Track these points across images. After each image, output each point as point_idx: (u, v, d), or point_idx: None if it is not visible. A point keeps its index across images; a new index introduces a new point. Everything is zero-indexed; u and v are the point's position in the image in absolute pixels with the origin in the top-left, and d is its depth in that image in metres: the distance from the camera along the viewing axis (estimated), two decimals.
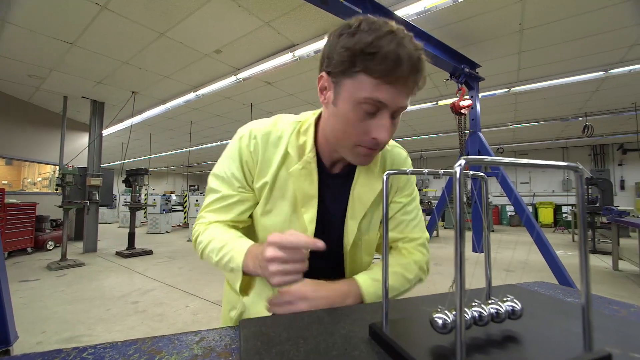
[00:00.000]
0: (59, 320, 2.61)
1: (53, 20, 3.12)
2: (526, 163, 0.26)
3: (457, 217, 0.22)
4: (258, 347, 0.29)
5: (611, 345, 0.31)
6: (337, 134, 0.56)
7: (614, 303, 0.70)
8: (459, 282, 0.21)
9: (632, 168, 8.92)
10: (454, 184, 0.21)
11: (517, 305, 0.31)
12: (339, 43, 0.49)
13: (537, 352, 0.27)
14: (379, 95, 0.48)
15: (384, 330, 0.30)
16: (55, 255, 4.97)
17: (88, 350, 0.43)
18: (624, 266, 4.29)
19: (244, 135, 0.64)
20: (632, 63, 3.83)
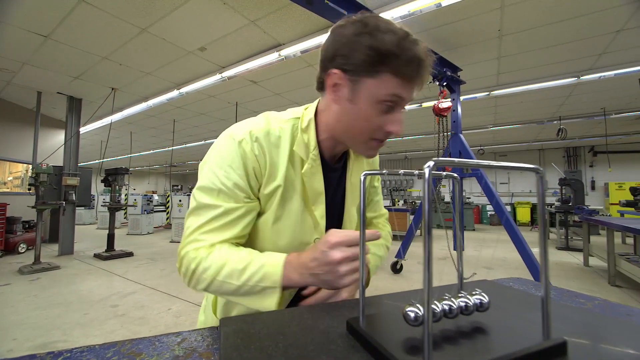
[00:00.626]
0: (31, 326, 2.50)
1: (26, 12, 2.97)
2: (493, 165, 0.28)
3: (426, 215, 0.23)
4: (238, 344, 0.30)
5: (571, 334, 0.34)
6: (354, 130, 0.58)
7: (580, 296, 0.75)
8: (426, 277, 0.23)
9: (602, 169, 9.44)
10: (423, 184, 0.23)
11: (484, 299, 0.33)
12: (361, 42, 0.50)
13: (500, 341, 0.30)
14: (402, 92, 0.52)
15: (361, 325, 0.31)
16: (27, 259, 4.73)
17: (64, 354, 0.42)
18: (594, 262, 4.53)
19: (244, 138, 0.57)
20: (601, 70, 4.05)
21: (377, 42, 0.48)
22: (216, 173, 0.57)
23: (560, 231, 6.13)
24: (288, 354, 0.28)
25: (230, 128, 0.62)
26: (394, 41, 0.48)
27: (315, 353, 0.28)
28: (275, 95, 5.25)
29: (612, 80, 4.30)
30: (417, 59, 0.49)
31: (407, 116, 6.47)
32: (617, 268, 3.58)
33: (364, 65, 0.50)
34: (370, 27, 0.50)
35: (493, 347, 0.28)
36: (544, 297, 0.30)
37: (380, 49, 0.48)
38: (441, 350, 0.27)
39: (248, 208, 0.57)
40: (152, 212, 8.78)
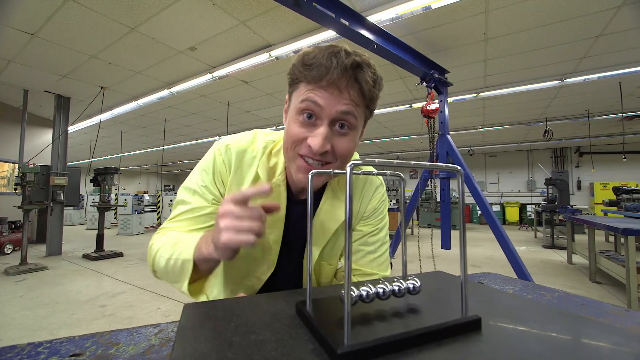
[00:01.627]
0: (17, 327, 2.48)
1: (11, 8, 2.94)
2: (412, 165, 0.33)
3: (347, 212, 0.27)
4: (194, 324, 0.34)
5: (493, 315, 0.38)
6: (285, 145, 0.57)
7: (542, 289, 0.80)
8: (347, 262, 0.27)
9: (588, 170, 9.69)
10: (345, 182, 0.27)
11: (416, 283, 0.37)
12: (292, 62, 0.54)
13: (422, 318, 0.34)
14: (314, 97, 0.50)
15: (307, 307, 0.36)
16: (14, 260, 4.67)
17: (44, 344, 0.44)
18: (577, 260, 4.67)
19: (219, 148, 0.63)
20: (584, 73, 4.18)
21: (298, 59, 0.53)
22: (195, 175, 0.64)
23: (546, 230, 6.29)
24: (237, 331, 0.32)
25: (220, 139, 0.67)
26: (311, 55, 0.51)
27: (261, 330, 0.32)
28: (267, 95, 5.27)
29: (594, 83, 4.43)
30: (325, 64, 0.49)
31: (397, 117, 6.56)
32: (598, 265, 3.70)
33: (290, 81, 0.55)
34: (308, 51, 0.53)
35: (415, 323, 0.33)
36: (463, 281, 0.34)
37: (298, 63, 0.52)
38: (369, 325, 0.32)
39: (214, 209, 0.62)
40: (143, 212, 8.70)
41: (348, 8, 2.60)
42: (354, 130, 0.54)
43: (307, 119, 0.52)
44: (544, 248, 5.98)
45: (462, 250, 0.34)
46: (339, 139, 0.53)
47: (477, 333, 0.32)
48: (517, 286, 0.80)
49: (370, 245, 0.69)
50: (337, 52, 0.50)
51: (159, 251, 0.57)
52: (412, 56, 3.32)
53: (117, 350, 0.42)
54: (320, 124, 0.52)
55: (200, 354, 0.27)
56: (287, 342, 0.29)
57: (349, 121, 0.52)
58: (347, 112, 0.51)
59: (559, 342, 0.31)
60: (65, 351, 0.42)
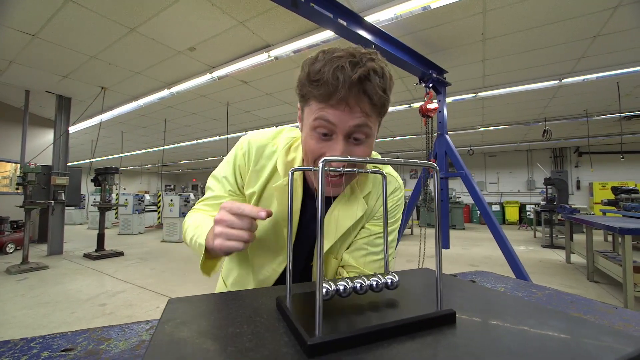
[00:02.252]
0: (17, 325, 2.50)
1: (12, 10, 2.96)
2: (385, 162, 0.34)
3: (319, 208, 0.29)
4: (175, 317, 0.35)
5: (470, 310, 0.39)
6: (304, 155, 0.59)
7: (534, 287, 0.82)
8: (319, 258, 0.28)
9: (587, 170, 9.68)
10: (318, 178, 0.29)
11: (394, 278, 0.39)
12: (300, 76, 0.54)
13: (399, 312, 0.35)
14: (326, 115, 0.51)
15: (287, 302, 0.37)
16: (15, 259, 4.69)
17: (36, 340, 0.45)
18: (575, 259, 4.68)
19: (242, 143, 0.68)
20: (582, 74, 4.18)
21: (303, 73, 0.53)
22: (222, 166, 0.71)
23: (545, 229, 6.29)
24: (216, 324, 0.33)
25: (246, 134, 0.72)
26: (316, 69, 0.50)
27: (240, 323, 0.33)
28: (267, 95, 5.29)
29: (592, 83, 4.44)
30: (331, 81, 0.48)
31: (397, 117, 6.56)
32: (596, 264, 3.71)
33: (300, 97, 0.56)
34: (312, 58, 0.52)
35: (390, 316, 0.34)
36: (438, 276, 0.35)
37: (303, 79, 0.53)
38: (345, 318, 0.33)
39: (230, 199, 0.67)
40: (144, 212, 8.73)
41: (346, 8, 2.61)
42: (370, 137, 0.56)
43: (323, 136, 0.53)
44: (543, 248, 5.98)
45: (437, 245, 0.35)
46: (356, 149, 0.54)
47: (451, 327, 0.34)
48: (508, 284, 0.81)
49: (375, 246, 0.69)
50: (342, 66, 0.48)
51: (187, 229, 0.64)
52: (411, 56, 3.33)
53: (107, 345, 0.43)
54: (336, 139, 0.53)
55: (176, 344, 0.28)
56: (263, 334, 0.31)
57: (364, 131, 0.53)
58: (360, 125, 0.52)
59: (530, 335, 0.32)
60: (57, 346, 0.43)
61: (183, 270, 4.36)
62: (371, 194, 0.69)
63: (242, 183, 0.68)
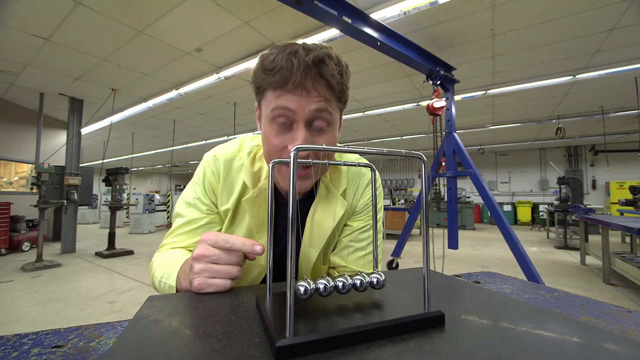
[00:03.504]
0: (30, 321, 2.57)
1: (26, 14, 3.05)
2: (372, 152, 0.31)
3: (290, 202, 0.27)
4: (149, 314, 0.34)
5: (461, 311, 0.37)
6: (265, 154, 0.56)
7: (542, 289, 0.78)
8: (290, 255, 0.26)
9: (603, 168, 9.36)
10: (289, 168, 0.27)
11: (380, 277, 0.36)
12: (254, 71, 0.52)
13: (383, 313, 0.33)
14: (284, 102, 0.48)
15: (267, 300, 0.35)
16: (30, 257, 4.83)
17: (29, 336, 0.45)
18: (590, 261, 4.52)
19: (208, 160, 0.64)
20: (597, 69, 4.04)
21: (257, 65, 0.51)
22: (189, 188, 0.66)
23: (558, 230, 6.11)
24: (189, 323, 0.32)
25: (210, 150, 0.68)
26: (270, 59, 0.48)
27: (214, 322, 0.32)
28: None
29: (609, 78, 4.28)
30: (286, 66, 0.47)
31: (404, 115, 6.48)
32: (612, 267, 3.57)
33: (256, 90, 0.54)
34: (264, 53, 0.51)
35: (372, 317, 0.32)
36: (425, 276, 0.33)
37: (256, 71, 0.51)
38: (323, 319, 0.31)
39: (210, 219, 0.63)
40: (154, 212, 8.89)
41: (350, 5, 2.59)
42: (332, 125, 0.53)
43: (282, 125, 0.51)
44: (556, 249, 5.81)
45: (425, 241, 0.33)
46: (319, 138, 0.52)
47: (438, 330, 0.31)
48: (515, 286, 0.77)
49: (360, 241, 0.66)
50: (295, 51, 0.48)
51: (155, 270, 0.58)
52: (418, 53, 3.27)
53: (98, 342, 0.42)
54: (296, 128, 0.50)
55: (140, 344, 0.27)
56: (235, 334, 0.29)
57: (325, 118, 0.51)
58: (321, 109, 0.49)
59: (526, 341, 0.30)
60: (48, 342, 0.43)
61: None
62: (347, 189, 0.66)
63: (216, 201, 0.64)
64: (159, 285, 0.55)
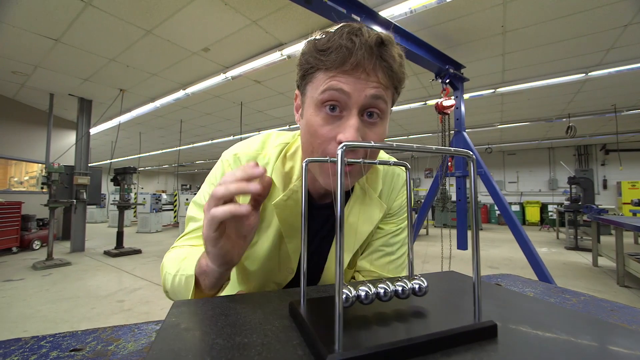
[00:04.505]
0: (41, 319, 2.59)
1: (36, 16, 3.08)
2: (415, 148, 0.29)
3: (339, 205, 0.25)
4: (178, 322, 0.32)
5: (509, 320, 0.35)
6: (307, 146, 0.50)
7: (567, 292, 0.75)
8: (338, 259, 0.24)
9: (614, 168, 9.17)
10: (337, 166, 0.25)
11: (423, 283, 0.34)
12: (301, 52, 0.48)
13: (429, 323, 0.31)
14: (338, 83, 0.43)
15: (301, 307, 0.33)
16: (41, 255, 4.90)
17: (47, 338, 0.44)
18: (603, 262, 4.42)
19: (227, 158, 0.59)
20: (610, 66, 3.94)
21: (309, 45, 0.46)
22: (203, 189, 0.61)
23: (569, 231, 6.00)
24: (222, 332, 0.29)
25: (229, 148, 0.62)
26: (326, 39, 0.44)
27: (248, 331, 0.30)
28: (279, 94, 5.29)
29: (622, 75, 4.18)
30: (345, 44, 0.42)
31: (411, 114, 6.43)
32: (626, 268, 3.49)
33: (302, 72, 0.48)
34: (317, 37, 0.46)
35: (420, 328, 0.30)
36: (475, 283, 0.31)
37: (307, 51, 0.46)
38: (368, 329, 0.29)
39: None
40: (161, 211, 8.96)
41: (359, 3, 2.56)
42: (384, 117, 0.47)
43: (331, 112, 0.45)
44: (566, 250, 5.70)
45: (475, 247, 0.31)
46: (371, 131, 0.46)
47: (491, 342, 0.29)
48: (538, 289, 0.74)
49: (390, 246, 0.62)
50: (357, 29, 0.43)
51: (168, 269, 0.53)
52: (427, 51, 3.23)
53: (116, 346, 0.42)
54: (347, 115, 0.44)
55: (175, 355, 0.25)
56: (274, 346, 0.27)
57: (380, 107, 0.45)
58: (378, 96, 0.44)
59: (590, 353, 0.27)
60: (66, 346, 0.42)
61: None
62: (383, 191, 0.61)
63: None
64: (173, 281, 0.50)
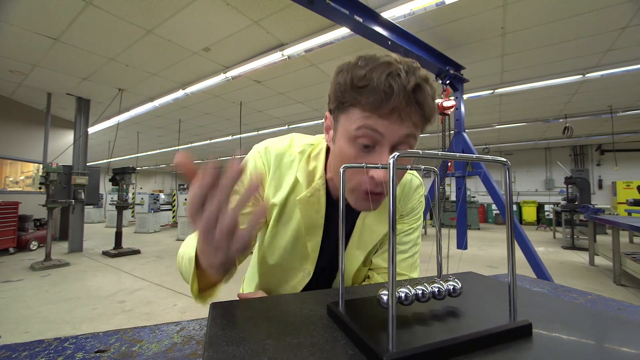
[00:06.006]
0: (42, 320, 2.58)
1: (36, 15, 3.05)
2: (459, 157, 0.31)
3: (390, 210, 0.26)
4: (223, 325, 0.33)
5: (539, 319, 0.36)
6: (335, 170, 0.53)
7: (573, 291, 0.77)
8: (391, 260, 0.25)
9: (609, 168, 9.30)
10: (388, 174, 0.26)
11: (457, 285, 0.35)
12: (337, 80, 0.49)
13: (468, 323, 0.32)
14: (373, 124, 0.45)
15: (339, 309, 0.34)
16: (39, 256, 4.86)
17: (70, 340, 0.44)
18: (599, 261, 4.49)
19: (259, 150, 0.63)
20: (607, 68, 4.00)
21: (344, 77, 0.47)
22: None
23: (565, 230, 6.07)
24: (269, 333, 0.31)
25: (261, 142, 0.65)
26: (361, 73, 0.45)
27: (295, 332, 0.31)
28: (279, 94, 5.29)
29: (619, 77, 4.24)
30: (384, 88, 0.43)
31: None
32: (623, 267, 3.54)
33: (336, 102, 0.49)
34: (352, 63, 0.47)
35: (460, 328, 0.31)
36: (510, 283, 0.32)
37: (344, 83, 0.47)
38: (410, 329, 0.30)
39: (252, 210, 0.59)
40: (159, 211, 8.91)
41: (362, 4, 2.57)
42: (413, 147, 0.51)
43: (364, 148, 0.48)
44: (563, 249, 5.77)
45: (510, 249, 0.32)
46: None
47: (527, 340, 0.30)
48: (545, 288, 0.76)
49: (403, 244, 0.67)
50: (396, 73, 0.44)
51: (180, 250, 0.52)
52: (427, 52, 3.25)
53: (140, 347, 0.42)
54: (380, 151, 0.47)
55: (232, 357, 0.26)
56: (324, 346, 0.28)
57: (410, 143, 0.48)
58: (410, 135, 0.47)
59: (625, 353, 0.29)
60: (90, 347, 0.42)
61: None
62: (399, 194, 0.66)
63: (262, 192, 0.62)
64: (181, 262, 0.50)
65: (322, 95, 5.27)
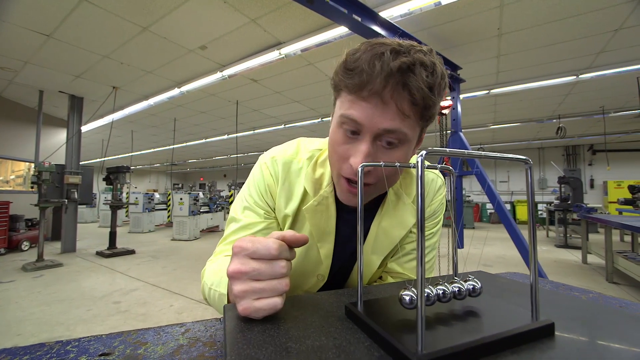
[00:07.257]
0: (36, 322, 2.53)
1: (28, 11, 2.99)
2: (482, 155, 0.30)
3: (419, 211, 0.25)
4: (242, 327, 0.32)
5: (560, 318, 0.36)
6: (329, 157, 0.52)
7: (575, 289, 0.77)
8: (419, 262, 0.25)
9: (601, 168, 9.47)
10: (417, 173, 0.25)
11: (477, 284, 0.35)
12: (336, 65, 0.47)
13: (491, 322, 0.32)
14: (352, 112, 0.43)
15: (358, 309, 0.34)
16: (30, 256, 4.77)
17: (72, 343, 0.43)
18: (592, 260, 4.56)
19: (265, 161, 0.61)
20: (600, 69, 4.06)
21: (341, 62, 0.46)
22: (244, 191, 0.63)
23: (559, 229, 6.16)
24: (289, 335, 0.30)
25: (266, 152, 0.64)
26: (355, 57, 0.43)
27: (316, 334, 0.30)
28: (276, 93, 5.27)
29: (611, 78, 4.31)
30: (365, 68, 0.41)
31: None
32: (615, 265, 3.60)
33: (333, 86, 0.48)
34: (353, 49, 0.45)
35: (484, 328, 0.31)
36: (533, 282, 0.32)
37: (340, 67, 0.45)
38: (434, 330, 0.30)
39: (267, 224, 0.59)
40: (154, 211, 8.81)
41: (360, 3, 2.57)
42: (405, 142, 0.46)
43: (351, 134, 0.46)
44: (556, 247, 5.85)
45: (533, 250, 0.32)
46: (385, 154, 0.46)
47: (550, 339, 0.30)
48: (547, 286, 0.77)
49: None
50: (381, 52, 0.41)
51: (206, 279, 0.53)
52: None
53: (145, 350, 0.41)
54: (361, 139, 0.45)
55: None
56: (347, 348, 0.28)
57: (397, 137, 0.44)
58: (391, 130, 0.43)
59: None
60: (94, 350, 0.41)
61: (194, 269, 4.37)
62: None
63: (273, 205, 0.61)
64: (209, 293, 0.50)
65: (319, 94, 5.26)
